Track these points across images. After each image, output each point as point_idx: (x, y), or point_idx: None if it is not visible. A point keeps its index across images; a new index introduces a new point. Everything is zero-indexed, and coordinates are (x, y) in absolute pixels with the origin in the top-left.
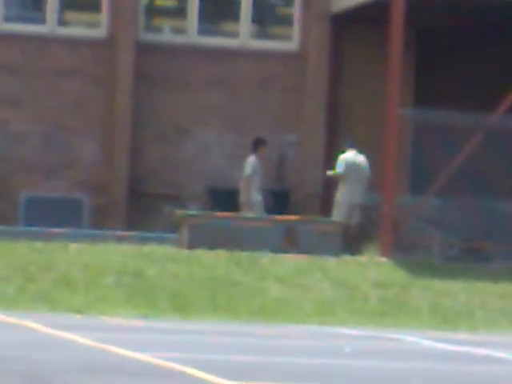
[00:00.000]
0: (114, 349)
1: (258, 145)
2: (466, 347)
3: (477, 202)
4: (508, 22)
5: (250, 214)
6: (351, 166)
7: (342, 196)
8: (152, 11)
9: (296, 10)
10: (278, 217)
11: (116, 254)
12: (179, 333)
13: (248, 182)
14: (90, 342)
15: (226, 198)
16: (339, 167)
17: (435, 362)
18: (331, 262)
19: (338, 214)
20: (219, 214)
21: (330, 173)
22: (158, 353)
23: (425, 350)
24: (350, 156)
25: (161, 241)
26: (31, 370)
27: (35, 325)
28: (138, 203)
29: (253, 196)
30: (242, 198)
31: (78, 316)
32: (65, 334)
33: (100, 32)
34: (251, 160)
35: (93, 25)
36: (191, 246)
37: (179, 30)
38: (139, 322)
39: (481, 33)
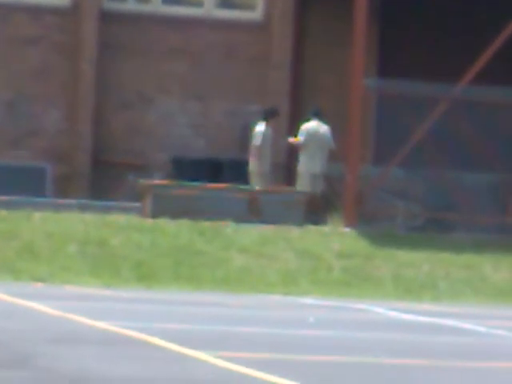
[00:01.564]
0: (76, 318)
1: (270, 115)
2: (431, 318)
3: (441, 172)
4: None
5: (260, 184)
6: (313, 136)
7: (304, 166)
8: None
9: None
10: (242, 187)
11: (79, 223)
12: (142, 302)
13: (259, 152)
14: (53, 311)
15: (189, 168)
16: (300, 136)
17: (400, 332)
18: (295, 231)
19: (302, 184)
20: (182, 183)
21: (291, 140)
22: (121, 322)
23: (388, 320)
24: (313, 125)
25: (124, 210)
26: None
27: None
28: (102, 172)
29: (264, 166)
30: (252, 167)
31: (42, 285)
32: (28, 302)
33: (64, 0)
34: (262, 129)
35: None
36: (154, 215)
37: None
38: (102, 291)
39: (446, 3)
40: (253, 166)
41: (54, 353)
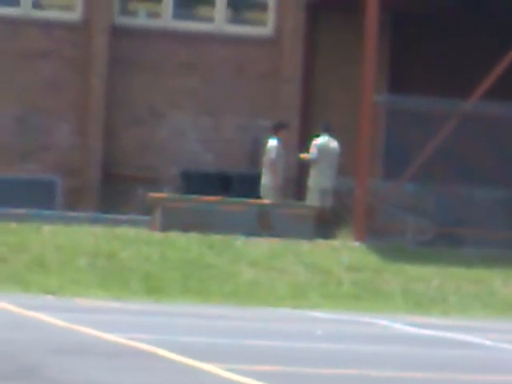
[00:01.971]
0: (85, 329)
1: (279, 128)
2: (440, 332)
3: (450, 187)
4: (483, 9)
5: (273, 198)
6: (324, 151)
7: (314, 181)
8: None
9: None
10: (252, 200)
11: (89, 236)
12: (151, 315)
13: (273, 166)
14: (62, 323)
15: (199, 182)
16: (313, 152)
17: (408, 346)
18: (305, 245)
19: (312, 199)
20: (192, 197)
21: (302, 156)
22: (130, 334)
23: (397, 333)
24: (324, 140)
25: (134, 223)
26: (5, 351)
27: (8, 305)
28: (112, 186)
29: (277, 180)
30: (265, 181)
31: (51, 297)
32: (38, 314)
33: (75, 15)
34: (275, 144)
35: (68, 8)
36: (164, 228)
37: (154, 14)
38: (111, 304)
39: (457, 19)
40: (266, 179)
41: (61, 364)
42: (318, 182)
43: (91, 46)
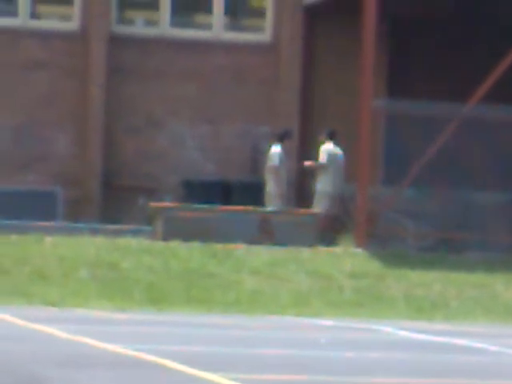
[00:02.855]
0: (89, 341)
1: (284, 137)
2: (443, 337)
3: (451, 192)
4: (482, 13)
5: (278, 206)
6: (332, 157)
7: (324, 187)
8: (124, 3)
9: (269, 2)
10: (253, 208)
11: (91, 246)
12: (154, 325)
13: (277, 173)
14: (65, 335)
15: (200, 190)
16: (322, 158)
17: (412, 352)
18: (306, 253)
19: (320, 204)
20: (193, 206)
21: (307, 163)
22: (133, 345)
23: (401, 340)
24: (331, 147)
25: (135, 233)
26: (6, 363)
27: (10, 318)
28: (112, 196)
29: (282, 187)
30: (269, 188)
31: (54, 309)
32: (40, 326)
33: (72, 25)
34: (278, 151)
35: (65, 17)
36: (166, 238)
37: (151, 23)
38: (114, 315)
39: (455, 23)
40: (270, 187)
41: (62, 376)
42: (327, 187)
43: (89, 56)
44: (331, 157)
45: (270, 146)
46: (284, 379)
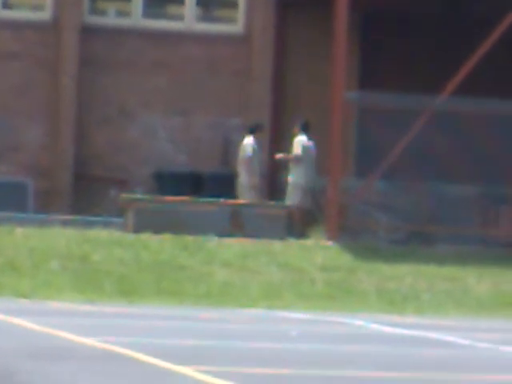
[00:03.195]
0: (60, 333)
1: (256, 129)
2: (414, 331)
3: (423, 185)
4: (454, 6)
5: (250, 197)
6: (306, 150)
7: (297, 179)
8: None
9: None
10: (224, 200)
11: (62, 238)
12: (125, 317)
13: (250, 164)
14: (36, 327)
15: (171, 182)
16: (297, 150)
17: (383, 345)
18: (277, 245)
19: (293, 197)
20: (165, 197)
21: (279, 156)
22: (105, 337)
23: (372, 333)
24: (305, 139)
25: (106, 225)
26: None
27: None
28: (84, 187)
29: (254, 178)
30: (242, 180)
31: (25, 300)
32: (11, 318)
33: (44, 15)
34: (251, 141)
35: (37, 7)
36: (137, 230)
37: (124, 13)
38: (85, 307)
39: (426, 16)
40: (243, 178)
41: (33, 369)
42: (300, 180)
43: (61, 46)
44: (305, 149)
45: (243, 138)
46: (255, 372)
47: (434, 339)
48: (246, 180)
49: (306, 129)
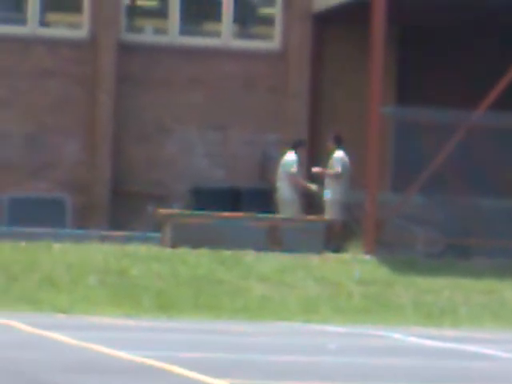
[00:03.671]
0: (98, 347)
1: (298, 145)
2: (452, 344)
3: (460, 198)
4: (491, 21)
5: (293, 212)
6: (345, 165)
7: (336, 195)
8: (133, 11)
9: (277, 10)
10: (262, 215)
11: (99, 253)
12: (163, 331)
13: (295, 180)
14: (74, 341)
15: (208, 197)
16: (337, 166)
17: (421, 358)
18: (315, 259)
19: (333, 212)
20: (202, 212)
21: (317, 170)
22: (142, 351)
23: (410, 346)
24: (342, 155)
25: (144, 240)
26: (16, 369)
27: (20, 324)
28: (121, 203)
29: (297, 193)
30: (283, 195)
31: (63, 316)
32: (49, 333)
33: (81, 33)
34: (295, 158)
35: (74, 25)
36: (174, 244)
37: (161, 30)
38: (123, 321)
39: (463, 31)
40: (286, 194)
41: (71, 382)
42: (339, 196)
43: (98, 64)
44: (344, 165)
45: (283, 154)
46: None
47: (471, 352)
48: (289, 195)
49: (339, 142)
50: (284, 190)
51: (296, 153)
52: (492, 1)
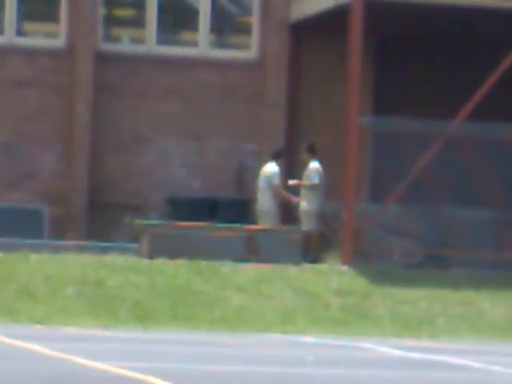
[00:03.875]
0: (75, 359)
1: (279, 155)
2: (428, 355)
3: (437, 209)
4: (467, 32)
5: (272, 222)
6: (322, 176)
7: (313, 205)
8: (110, 21)
9: (255, 19)
10: (239, 226)
11: (77, 264)
12: (140, 342)
13: (278, 191)
14: (51, 352)
15: (186, 207)
16: (315, 177)
17: (397, 369)
18: (292, 270)
19: (309, 223)
20: (179, 223)
21: (292, 182)
22: (120, 362)
23: (387, 357)
24: (318, 165)
25: (121, 251)
26: None
27: None
28: (98, 213)
29: (277, 205)
30: (266, 207)
31: (40, 326)
32: (26, 344)
33: (59, 42)
34: (277, 169)
35: (51, 35)
36: (152, 255)
37: (138, 40)
38: (101, 332)
39: (440, 42)
40: (267, 205)
41: None
42: (317, 206)
43: (76, 73)
44: (321, 176)
45: (262, 165)
46: None
47: (449, 363)
48: (270, 207)
49: (313, 152)
50: (265, 202)
51: (277, 163)
52: (468, 12)
